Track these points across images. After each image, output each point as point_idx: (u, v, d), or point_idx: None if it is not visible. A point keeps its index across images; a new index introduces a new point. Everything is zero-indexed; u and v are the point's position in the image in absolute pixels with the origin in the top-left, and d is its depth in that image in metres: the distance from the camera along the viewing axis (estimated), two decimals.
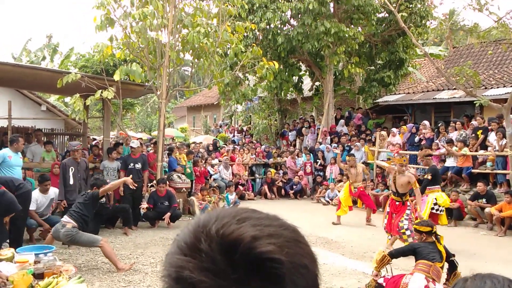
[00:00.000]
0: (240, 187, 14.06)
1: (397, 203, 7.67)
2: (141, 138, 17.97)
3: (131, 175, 8.51)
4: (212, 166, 14.15)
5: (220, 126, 25.24)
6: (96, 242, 6.07)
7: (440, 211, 8.36)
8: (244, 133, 21.69)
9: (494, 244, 8.67)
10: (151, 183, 10.34)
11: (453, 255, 4.93)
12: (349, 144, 14.91)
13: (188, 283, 0.61)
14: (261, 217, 0.67)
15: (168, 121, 30.04)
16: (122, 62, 13.71)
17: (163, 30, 9.98)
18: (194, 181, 12.20)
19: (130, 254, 7.09)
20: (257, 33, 15.56)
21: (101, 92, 8.98)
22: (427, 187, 8.58)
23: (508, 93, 11.50)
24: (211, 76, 11.22)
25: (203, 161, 13.47)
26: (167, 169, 11.35)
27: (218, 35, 10.09)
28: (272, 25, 15.29)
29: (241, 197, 13.51)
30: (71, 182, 8.20)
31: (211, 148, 16.11)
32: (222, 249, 0.61)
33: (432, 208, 8.29)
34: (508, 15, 10.91)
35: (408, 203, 7.66)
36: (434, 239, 4.88)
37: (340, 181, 13.73)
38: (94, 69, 20.23)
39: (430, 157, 9.59)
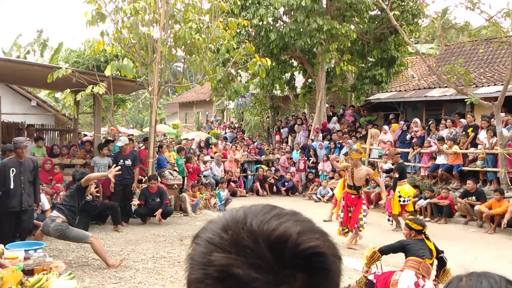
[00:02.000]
0: (232, 184, 14.05)
1: (352, 196, 7.85)
2: (132, 135, 17.90)
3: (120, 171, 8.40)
4: (204, 162, 14.13)
5: (212, 123, 25.20)
6: (85, 238, 6.04)
7: (407, 201, 9.38)
8: (236, 129, 21.67)
9: (483, 241, 8.76)
10: (143, 180, 10.29)
11: (442, 252, 4.96)
12: (340, 141, 14.96)
13: (239, 281, 0.59)
14: (291, 212, 0.68)
15: (160, 118, 29.92)
16: (114, 58, 13.62)
17: (155, 25, 9.91)
18: (186, 177, 12.17)
19: (121, 251, 7.06)
20: (250, 29, 15.53)
21: (92, 88, 8.91)
22: (397, 182, 9.44)
23: (498, 91, 11.58)
24: (203, 72, 11.18)
25: (196, 158, 13.44)
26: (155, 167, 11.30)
27: (210, 31, 10.05)
28: (264, 22, 15.26)
29: (233, 194, 13.51)
30: (12, 186, 6.70)
31: (202, 144, 16.07)
32: (270, 245, 0.60)
33: (399, 200, 9.24)
34: (499, 13, 10.99)
35: (363, 196, 8.03)
36: (423, 236, 4.91)
37: (332, 178, 13.77)
38: (86, 65, 20.07)
39: (398, 155, 10.28)
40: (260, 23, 15.21)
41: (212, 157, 14.62)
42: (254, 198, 14.26)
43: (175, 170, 11.40)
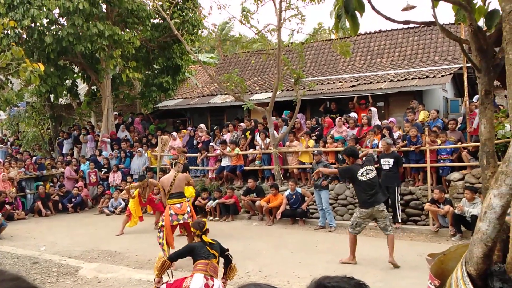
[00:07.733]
0: (7, 206, 12.29)
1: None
2: None
3: None
4: None
5: None
6: None
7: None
8: (10, 144, 19.03)
9: (265, 233, 9.77)
10: None
11: (227, 250, 5.29)
12: (131, 150, 14.65)
13: None
14: (12, 277, 0.61)
15: None
16: None
17: None
18: None
19: None
20: (20, 31, 13.84)
21: None
22: None
23: (269, 97, 13.07)
24: None
25: None
26: None
27: None
28: (38, 23, 13.82)
29: (9, 218, 11.83)
30: None
31: None
32: None
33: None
34: (266, 28, 12.43)
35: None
36: (205, 239, 5.14)
37: (122, 190, 13.34)
38: None
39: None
40: (32, 24, 13.72)
41: None
42: (35, 219, 12.75)
43: None
